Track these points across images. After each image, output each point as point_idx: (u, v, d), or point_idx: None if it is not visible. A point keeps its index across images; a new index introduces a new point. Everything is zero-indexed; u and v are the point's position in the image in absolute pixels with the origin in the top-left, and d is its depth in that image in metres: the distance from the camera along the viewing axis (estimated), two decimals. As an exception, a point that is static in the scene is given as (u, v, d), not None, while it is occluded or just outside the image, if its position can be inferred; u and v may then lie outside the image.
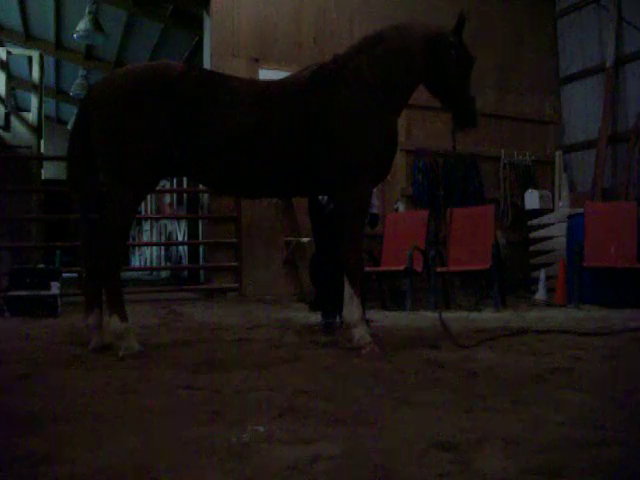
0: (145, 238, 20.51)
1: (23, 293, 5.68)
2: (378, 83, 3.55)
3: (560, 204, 8.66)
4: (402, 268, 6.44)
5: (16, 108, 11.43)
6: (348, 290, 3.47)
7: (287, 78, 3.81)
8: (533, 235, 8.55)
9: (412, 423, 1.98)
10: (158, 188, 8.07)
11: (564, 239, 7.44)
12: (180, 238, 13.81)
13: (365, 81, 3.54)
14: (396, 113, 3.77)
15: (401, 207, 8.06)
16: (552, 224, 8.21)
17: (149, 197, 18.66)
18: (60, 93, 16.38)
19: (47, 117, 11.02)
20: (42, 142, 9.73)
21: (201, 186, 6.89)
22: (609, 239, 6.64)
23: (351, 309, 3.46)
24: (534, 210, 8.66)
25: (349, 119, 3.47)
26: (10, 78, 9.99)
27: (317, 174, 3.54)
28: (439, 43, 3.67)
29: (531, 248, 8.54)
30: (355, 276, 3.48)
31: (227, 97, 3.40)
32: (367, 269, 7.02)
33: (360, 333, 3.43)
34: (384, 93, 3.56)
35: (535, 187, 8.79)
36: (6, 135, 9.19)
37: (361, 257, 3.62)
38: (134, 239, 23.18)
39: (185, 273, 12.40)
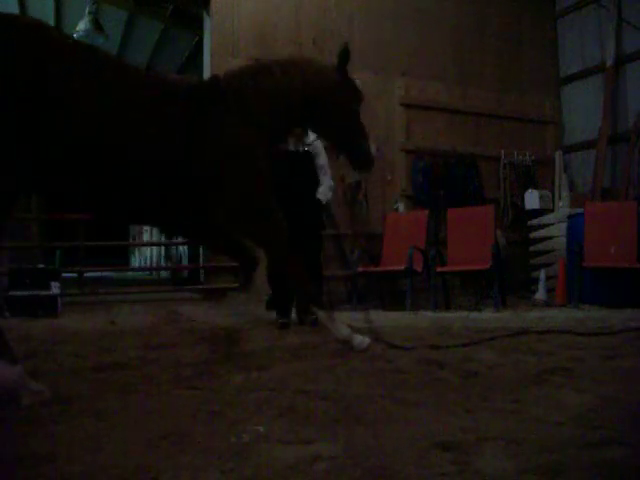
0: (145, 238, 20.50)
1: (23, 293, 5.68)
2: (261, 117, 3.19)
3: (560, 204, 8.66)
4: (402, 268, 6.45)
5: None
6: (320, 314, 3.35)
7: (164, 80, 3.06)
8: (533, 235, 8.55)
9: (412, 423, 1.98)
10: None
11: (564, 239, 7.44)
12: (180, 238, 13.79)
13: (251, 111, 3.14)
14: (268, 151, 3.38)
15: (401, 207, 8.07)
16: (552, 224, 8.20)
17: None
18: (60, 93, 16.36)
19: (47, 117, 11.06)
20: (42, 142, 9.71)
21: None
22: (609, 239, 6.64)
23: (337, 328, 3.33)
24: (534, 210, 8.66)
25: (230, 149, 3.03)
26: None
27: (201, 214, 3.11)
28: (319, 87, 3.35)
29: (531, 248, 8.54)
30: (315, 299, 3.35)
31: (90, 82, 2.54)
32: (367, 269, 7.04)
33: (358, 339, 3.33)
34: (271, 125, 3.24)
35: (535, 187, 8.79)
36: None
37: (306, 280, 3.33)
38: (134, 239, 23.19)
39: (185, 273, 12.40)
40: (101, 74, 2.61)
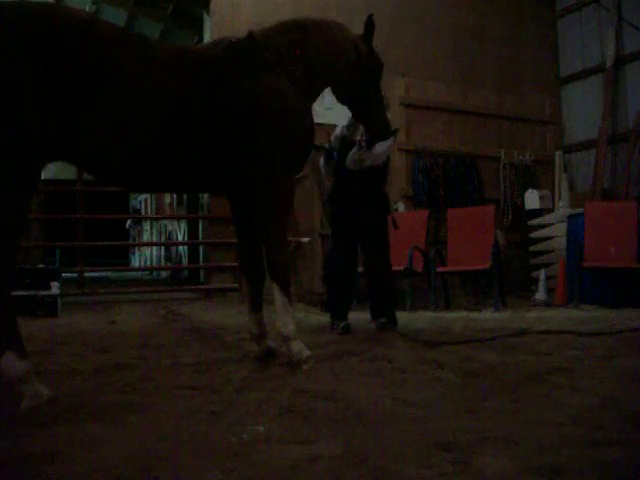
0: (145, 238, 20.50)
1: (23, 293, 5.67)
2: (299, 70, 3.27)
3: (560, 204, 8.66)
4: (402, 268, 6.44)
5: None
6: (280, 298, 3.05)
7: (199, 50, 3.29)
8: (533, 235, 8.55)
9: (412, 423, 1.98)
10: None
11: (564, 239, 7.44)
12: (180, 238, 13.83)
13: (287, 66, 3.22)
14: (311, 103, 3.46)
15: (401, 207, 8.06)
16: (552, 224, 8.21)
17: (149, 197, 18.66)
18: (60, 93, 16.34)
19: (47, 117, 11.05)
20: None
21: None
22: (609, 239, 6.64)
23: (286, 320, 3.06)
24: (534, 210, 8.66)
25: (271, 105, 3.07)
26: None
27: (235, 166, 3.09)
28: (358, 49, 3.49)
29: (531, 248, 8.55)
30: (286, 281, 3.11)
31: (138, 63, 2.73)
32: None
33: (298, 347, 3.06)
34: (304, 81, 3.28)
35: (535, 187, 8.80)
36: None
37: (287, 261, 3.21)
38: (134, 239, 23.19)
39: (185, 273, 12.42)
40: (148, 53, 2.81)
